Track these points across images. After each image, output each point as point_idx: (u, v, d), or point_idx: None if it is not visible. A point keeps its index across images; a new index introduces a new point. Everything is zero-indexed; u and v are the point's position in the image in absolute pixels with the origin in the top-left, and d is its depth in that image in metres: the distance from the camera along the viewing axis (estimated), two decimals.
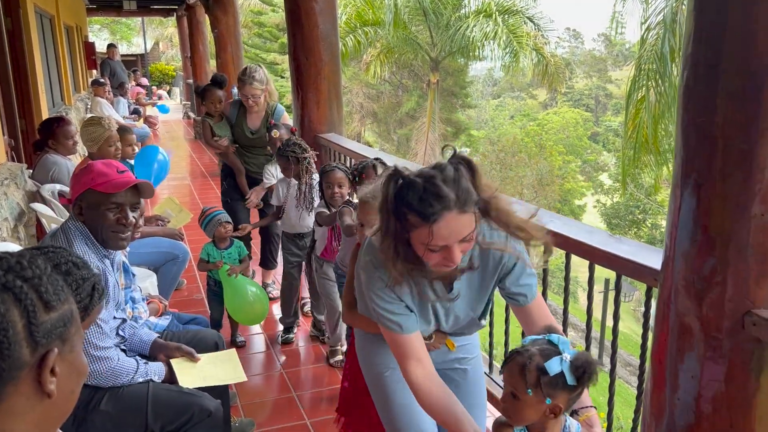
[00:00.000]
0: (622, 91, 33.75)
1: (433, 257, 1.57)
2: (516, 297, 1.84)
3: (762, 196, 1.63)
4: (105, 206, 2.17)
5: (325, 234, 3.36)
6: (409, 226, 1.54)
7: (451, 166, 1.54)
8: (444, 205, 1.48)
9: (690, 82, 1.71)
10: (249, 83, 4.14)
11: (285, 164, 3.67)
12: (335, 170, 3.22)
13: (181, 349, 2.38)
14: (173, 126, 15.26)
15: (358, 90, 24.84)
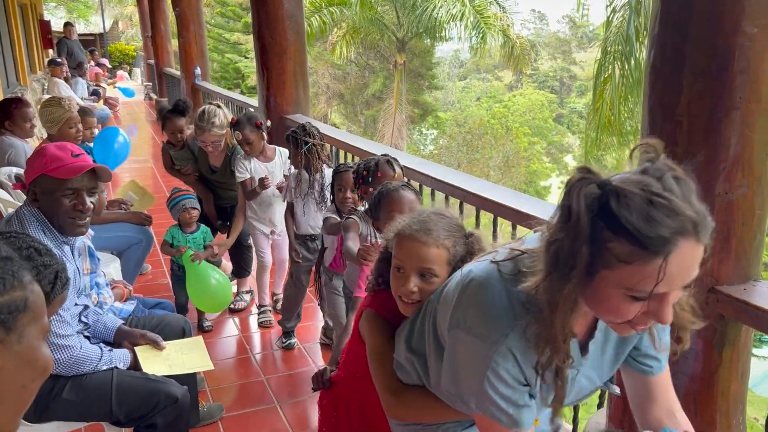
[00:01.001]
0: (586, 72, 34.17)
1: (632, 311, 1.08)
2: (646, 363, 1.37)
3: (726, 175, 1.65)
4: (60, 192, 2.08)
5: (334, 243, 2.95)
6: (611, 261, 1.04)
7: (670, 176, 1.07)
8: (682, 229, 1.03)
9: (657, 62, 1.72)
10: (208, 130, 3.70)
11: (291, 150, 3.37)
12: (349, 171, 2.79)
13: (146, 336, 2.34)
14: (134, 107, 14.91)
15: (324, 71, 24.58)
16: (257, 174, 3.64)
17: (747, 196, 1.66)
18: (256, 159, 3.66)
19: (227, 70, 23.90)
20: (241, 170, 3.64)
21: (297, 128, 3.30)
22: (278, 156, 3.76)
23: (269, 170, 3.67)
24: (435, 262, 1.48)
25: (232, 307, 4.09)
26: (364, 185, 2.51)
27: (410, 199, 2.18)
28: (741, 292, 1.66)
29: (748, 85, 1.58)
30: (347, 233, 2.46)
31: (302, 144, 3.24)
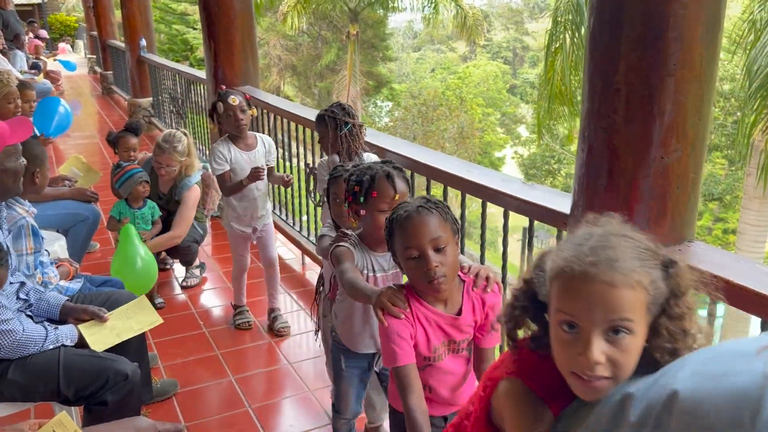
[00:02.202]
0: (538, 43, 34.40)
1: None
2: None
3: (662, 140, 1.71)
4: None
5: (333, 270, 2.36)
6: None
7: None
8: None
9: (596, 30, 1.75)
10: (168, 153, 3.69)
11: (322, 131, 2.75)
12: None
13: (87, 310, 2.30)
14: (78, 81, 14.37)
15: (275, 42, 24.10)
16: (238, 165, 3.21)
17: (681, 160, 1.72)
18: (236, 147, 3.21)
19: (175, 42, 23.19)
20: (219, 161, 3.15)
21: (334, 107, 2.73)
22: (260, 144, 3.32)
23: (251, 160, 3.23)
24: (631, 309, 0.96)
25: (184, 284, 4.05)
26: (355, 204, 1.87)
27: (435, 224, 1.55)
28: (676, 253, 1.71)
29: (681, 52, 1.63)
30: (341, 266, 1.82)
31: (341, 125, 2.66)
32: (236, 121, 3.14)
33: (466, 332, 1.65)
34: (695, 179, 1.77)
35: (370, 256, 1.91)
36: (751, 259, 9.75)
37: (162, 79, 8.10)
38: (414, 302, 1.58)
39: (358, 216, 1.86)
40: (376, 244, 1.90)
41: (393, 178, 1.83)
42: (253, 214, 3.33)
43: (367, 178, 1.82)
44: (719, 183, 18.86)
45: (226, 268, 4.35)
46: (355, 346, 2.09)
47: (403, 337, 1.55)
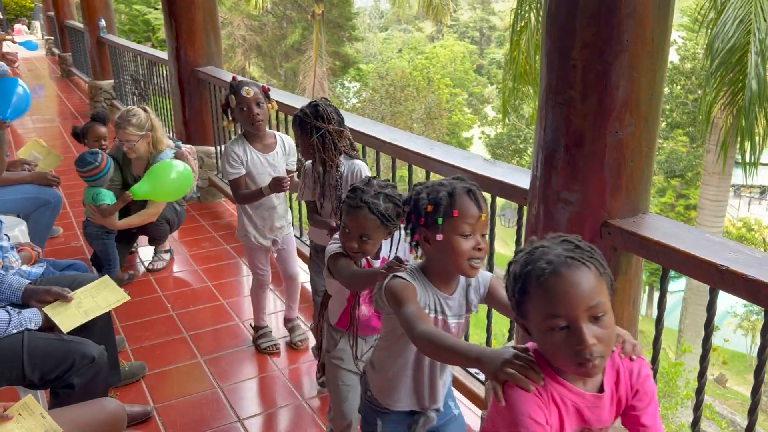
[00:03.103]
0: (505, 23, 34.49)
1: None
2: None
3: (616, 115, 1.76)
4: None
5: (344, 293, 1.98)
6: None
7: None
8: None
9: (552, 7, 1.78)
10: (123, 128, 3.57)
11: (295, 134, 2.44)
12: (366, 211, 1.77)
13: (51, 291, 2.27)
14: (36, 64, 13.99)
15: (239, 22, 23.71)
16: (254, 168, 2.81)
17: (635, 135, 1.77)
18: (253, 148, 2.81)
19: (136, 23, 22.66)
20: (233, 163, 2.76)
21: (307, 108, 2.36)
22: (280, 144, 2.92)
23: (270, 163, 2.85)
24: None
25: (150, 267, 4.02)
26: (427, 228, 1.49)
27: (591, 284, 1.13)
28: (630, 225, 1.79)
29: (635, 28, 1.67)
30: (405, 309, 1.43)
31: (312, 130, 2.32)
32: (251, 117, 2.73)
33: (606, 419, 1.24)
34: (649, 153, 1.82)
35: (435, 293, 1.54)
36: (709, 233, 10.05)
37: (123, 60, 7.93)
38: (546, 374, 1.17)
39: (429, 243, 1.49)
40: (445, 280, 1.55)
41: (476, 195, 1.50)
42: (272, 225, 2.94)
43: (444, 196, 1.47)
44: (681, 160, 19.29)
45: (192, 251, 4.33)
46: (395, 402, 1.67)
47: (539, 422, 1.13)
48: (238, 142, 2.81)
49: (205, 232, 4.66)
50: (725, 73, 8.05)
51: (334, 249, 1.86)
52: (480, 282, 1.60)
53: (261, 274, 3.08)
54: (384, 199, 1.78)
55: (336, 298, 2.04)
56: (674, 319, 14.38)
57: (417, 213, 1.50)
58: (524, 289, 1.15)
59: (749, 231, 18.28)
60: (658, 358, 1.92)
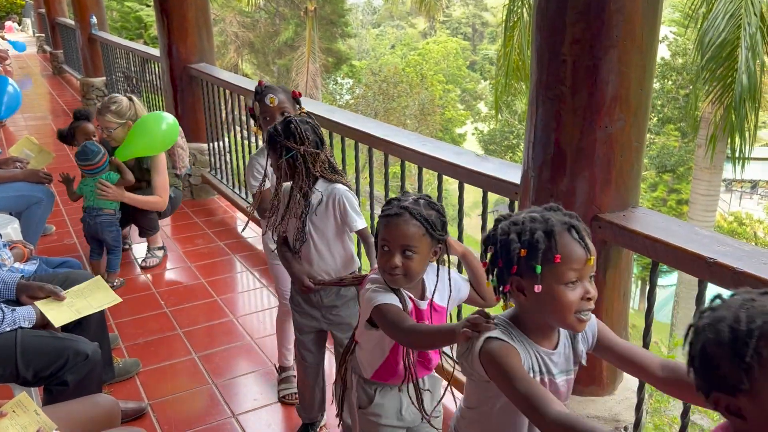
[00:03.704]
0: (497, 19, 34.50)
1: None
2: None
3: (606, 110, 1.77)
4: None
5: (383, 344, 1.69)
6: None
7: None
8: None
9: (542, 2, 1.80)
10: (103, 114, 3.62)
11: (269, 154, 2.14)
12: (408, 216, 1.54)
13: (44, 288, 2.28)
14: (27, 61, 13.90)
15: (231, 18, 23.61)
16: None
17: (624, 129, 1.79)
18: None
19: (128, 20, 22.54)
20: (257, 176, 2.47)
21: (279, 124, 2.08)
22: None
23: None
24: None
25: (144, 264, 4.02)
26: (521, 278, 1.25)
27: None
28: (620, 218, 1.81)
29: (624, 24, 1.69)
30: (515, 382, 1.18)
31: (282, 150, 2.04)
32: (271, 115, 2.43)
33: None
34: (638, 147, 1.84)
35: (537, 351, 1.29)
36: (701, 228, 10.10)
37: (115, 57, 7.91)
38: None
39: (524, 294, 1.25)
40: (546, 333, 1.31)
41: (580, 232, 1.23)
42: None
43: (541, 236, 1.21)
44: (673, 155, 19.37)
45: (186, 248, 4.33)
46: None
47: None
48: (264, 153, 2.44)
49: (198, 229, 4.66)
50: (715, 67, 8.09)
51: (377, 296, 1.55)
52: (587, 327, 1.31)
53: (286, 294, 2.56)
54: (425, 206, 1.55)
55: (371, 349, 1.72)
56: (667, 312, 14.47)
57: (507, 258, 1.23)
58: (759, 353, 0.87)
59: (740, 225, 18.38)
60: (648, 349, 1.93)
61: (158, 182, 3.82)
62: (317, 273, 2.12)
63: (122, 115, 3.65)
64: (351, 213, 2.06)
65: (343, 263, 2.15)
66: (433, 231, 1.53)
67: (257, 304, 3.61)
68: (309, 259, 2.12)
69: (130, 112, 3.67)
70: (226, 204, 5.05)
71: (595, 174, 1.81)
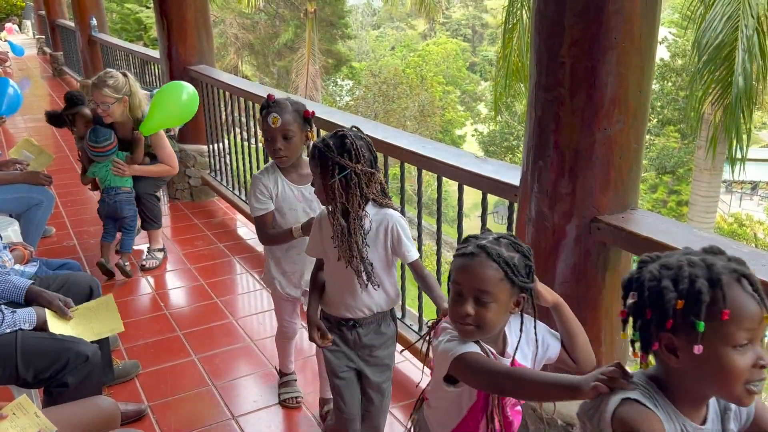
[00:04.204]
0: (497, 20, 34.54)
1: None
2: None
3: (605, 111, 1.77)
4: None
5: (461, 402, 1.48)
6: None
7: None
8: None
9: (541, 5, 1.80)
10: (99, 88, 3.58)
11: (316, 175, 1.85)
12: (484, 257, 1.35)
13: (53, 303, 2.29)
14: (27, 62, 13.91)
15: (231, 20, 23.64)
16: (285, 202, 2.31)
17: (623, 131, 1.79)
18: (285, 179, 2.31)
19: (128, 22, 22.58)
20: (259, 196, 2.29)
21: (330, 138, 1.81)
22: None
23: (305, 197, 2.33)
24: None
25: (144, 266, 4.02)
26: (674, 335, 1.04)
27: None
28: (619, 220, 1.81)
29: (623, 25, 1.69)
30: None
31: (334, 168, 1.78)
32: (272, 151, 2.24)
33: None
34: (637, 149, 1.84)
35: (683, 424, 1.08)
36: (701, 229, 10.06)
37: (115, 59, 7.91)
38: None
39: (676, 355, 1.04)
40: (695, 403, 1.10)
41: (754, 284, 1.02)
42: (303, 272, 2.41)
43: (704, 286, 1.00)
44: (672, 156, 19.38)
45: (186, 249, 4.33)
46: None
47: None
48: (269, 172, 2.31)
49: (198, 230, 4.66)
50: (714, 69, 8.10)
51: (455, 346, 1.35)
52: None
53: (286, 326, 2.66)
54: (507, 246, 1.36)
55: (446, 408, 1.51)
56: None
57: (659, 310, 1.02)
58: None
59: (740, 226, 18.38)
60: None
61: (164, 156, 3.91)
62: (358, 308, 1.93)
63: (119, 90, 3.67)
64: (405, 242, 1.86)
65: (388, 299, 1.97)
66: (514, 276, 1.32)
67: (257, 306, 3.61)
68: (352, 291, 1.90)
69: (125, 88, 3.71)
70: (226, 206, 5.06)
71: (594, 176, 1.81)
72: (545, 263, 1.95)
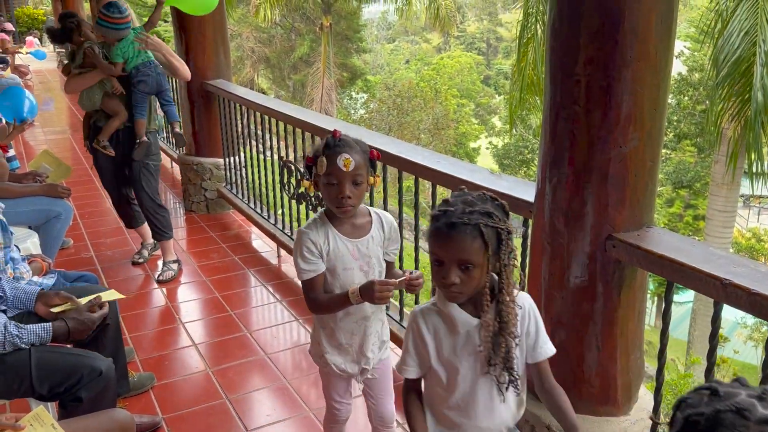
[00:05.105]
0: (512, 34, 34.62)
1: None
2: None
3: (620, 129, 1.78)
4: None
5: None
6: None
7: None
8: None
9: (556, 23, 1.81)
10: None
11: (475, 252, 1.37)
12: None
13: (59, 294, 2.33)
14: (48, 76, 14.15)
15: (248, 34, 23.91)
16: (339, 260, 1.90)
17: (638, 149, 1.79)
18: (338, 232, 1.90)
19: None
20: (307, 256, 1.87)
21: (478, 203, 1.39)
22: (377, 226, 1.96)
23: (361, 253, 1.92)
24: None
25: (160, 278, 4.05)
26: None
27: None
28: (635, 238, 1.80)
29: (638, 44, 1.70)
30: None
31: (504, 239, 1.38)
32: (339, 199, 1.82)
33: None
34: (652, 167, 1.84)
35: None
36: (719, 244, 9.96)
37: None
38: None
39: None
40: None
41: None
42: (362, 345, 2.00)
43: None
44: (689, 171, 19.23)
45: (201, 262, 4.36)
46: None
47: None
48: (318, 225, 1.91)
49: (213, 243, 4.70)
50: (732, 83, 8.06)
51: None
52: None
53: (337, 408, 2.14)
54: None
55: None
56: (683, 329, 14.28)
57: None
58: None
59: (759, 242, 18.17)
60: (663, 369, 1.92)
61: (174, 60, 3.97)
62: (496, 428, 1.52)
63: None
64: (544, 334, 1.53)
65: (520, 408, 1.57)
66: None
67: (271, 319, 3.62)
68: (488, 405, 1.50)
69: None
70: (242, 218, 5.09)
71: (609, 193, 1.81)
72: (560, 280, 1.94)
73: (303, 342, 3.34)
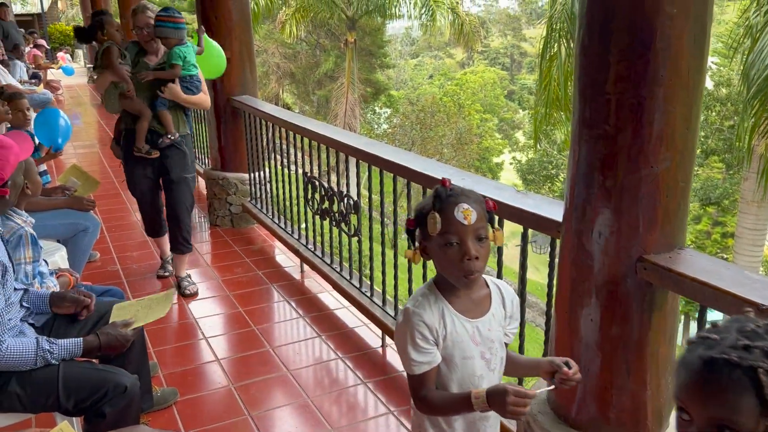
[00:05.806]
0: (536, 49, 34.56)
1: None
2: None
3: (652, 149, 1.74)
4: None
5: None
6: None
7: None
8: None
9: (585, 41, 1.79)
10: (143, 12, 3.81)
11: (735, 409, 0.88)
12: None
13: (66, 297, 2.38)
14: (78, 91, 14.43)
15: (273, 50, 24.19)
16: (457, 345, 1.51)
17: (670, 169, 1.75)
18: (454, 310, 1.51)
19: None
20: (421, 345, 1.48)
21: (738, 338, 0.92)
22: (497, 300, 1.59)
23: (483, 336, 1.54)
24: None
25: (184, 293, 4.07)
26: None
27: None
28: (666, 260, 1.76)
29: (669, 62, 1.66)
30: None
31: None
32: (466, 263, 1.44)
33: None
34: (684, 188, 1.80)
35: None
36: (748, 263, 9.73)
37: None
38: None
39: None
40: None
41: None
42: None
43: None
44: (717, 187, 18.91)
45: (225, 276, 4.38)
46: None
47: None
48: (430, 303, 1.51)
49: (237, 257, 4.71)
50: (763, 99, 7.92)
51: None
52: None
53: None
54: None
55: None
56: None
57: None
58: None
59: None
60: None
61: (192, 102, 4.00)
62: None
63: (156, 12, 3.85)
64: None
65: None
66: None
67: (294, 335, 3.61)
68: None
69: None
70: (266, 233, 5.11)
71: (639, 214, 1.77)
72: (589, 303, 1.90)
73: (325, 359, 3.33)
